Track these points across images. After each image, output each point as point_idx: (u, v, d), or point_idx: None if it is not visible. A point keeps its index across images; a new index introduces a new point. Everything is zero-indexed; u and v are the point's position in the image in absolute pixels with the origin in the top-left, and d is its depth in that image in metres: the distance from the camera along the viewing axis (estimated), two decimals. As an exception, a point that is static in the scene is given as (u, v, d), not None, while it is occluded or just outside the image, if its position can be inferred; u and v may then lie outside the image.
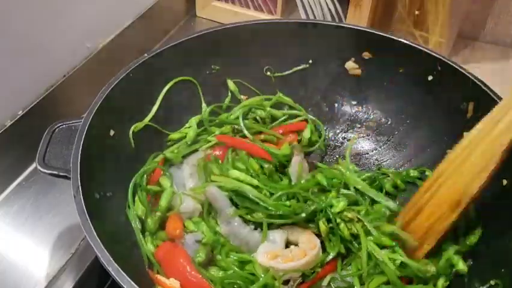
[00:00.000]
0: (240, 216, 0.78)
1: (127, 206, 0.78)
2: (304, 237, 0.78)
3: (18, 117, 0.91)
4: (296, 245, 0.78)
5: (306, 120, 0.99)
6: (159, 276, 0.71)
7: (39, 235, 0.86)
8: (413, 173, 0.89)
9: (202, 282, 0.69)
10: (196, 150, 0.90)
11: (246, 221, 0.79)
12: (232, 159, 0.86)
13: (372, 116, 1.00)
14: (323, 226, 0.77)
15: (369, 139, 1.00)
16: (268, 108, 0.97)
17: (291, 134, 0.96)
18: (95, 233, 0.62)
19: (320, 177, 0.84)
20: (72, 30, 1.00)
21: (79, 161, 0.69)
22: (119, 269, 0.59)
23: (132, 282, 0.58)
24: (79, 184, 0.67)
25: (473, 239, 0.75)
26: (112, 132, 0.80)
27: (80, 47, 1.03)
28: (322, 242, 0.78)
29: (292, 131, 0.97)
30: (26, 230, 0.86)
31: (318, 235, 0.79)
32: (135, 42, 1.10)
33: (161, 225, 0.79)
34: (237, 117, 0.93)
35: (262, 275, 0.71)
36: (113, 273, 0.59)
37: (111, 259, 0.60)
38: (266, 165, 0.86)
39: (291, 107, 1.00)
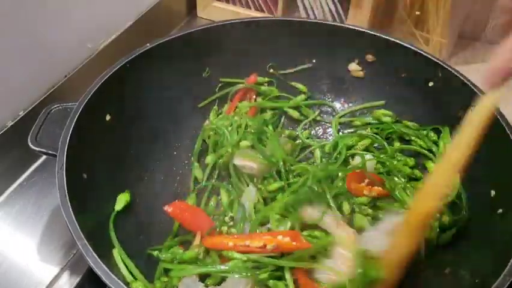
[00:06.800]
0: None
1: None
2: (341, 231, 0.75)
3: (19, 117, 0.91)
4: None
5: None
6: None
7: (41, 235, 0.85)
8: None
9: None
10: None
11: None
12: None
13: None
14: (346, 207, 0.80)
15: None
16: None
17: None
18: (71, 210, 0.63)
19: None
20: (73, 30, 1.00)
21: (68, 139, 0.70)
22: (83, 238, 0.61)
23: (99, 259, 0.60)
24: (64, 161, 0.67)
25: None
26: (108, 117, 0.80)
27: (82, 47, 1.03)
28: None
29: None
30: (27, 230, 0.86)
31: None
32: (136, 42, 1.09)
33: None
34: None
35: None
36: (79, 244, 0.61)
37: (80, 232, 0.62)
38: None
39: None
